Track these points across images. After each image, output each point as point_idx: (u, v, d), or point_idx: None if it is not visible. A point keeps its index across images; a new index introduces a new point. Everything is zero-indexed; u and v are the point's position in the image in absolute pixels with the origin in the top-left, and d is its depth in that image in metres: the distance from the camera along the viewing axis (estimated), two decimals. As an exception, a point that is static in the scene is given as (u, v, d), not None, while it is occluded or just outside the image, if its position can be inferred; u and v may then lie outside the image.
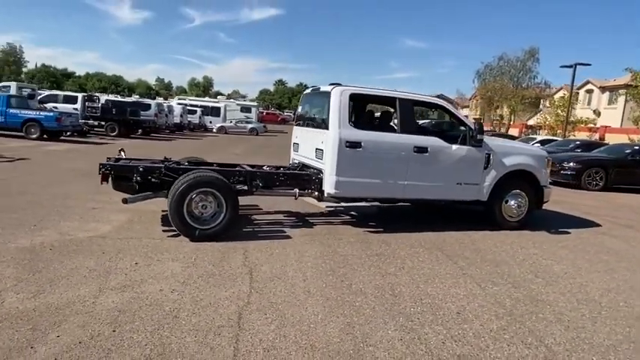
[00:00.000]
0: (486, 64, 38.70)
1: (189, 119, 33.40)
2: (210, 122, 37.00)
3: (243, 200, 7.13)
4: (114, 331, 3.11)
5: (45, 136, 16.91)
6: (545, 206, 9.14)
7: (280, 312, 3.58)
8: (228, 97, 77.81)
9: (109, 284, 3.89)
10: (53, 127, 16.83)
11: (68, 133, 18.72)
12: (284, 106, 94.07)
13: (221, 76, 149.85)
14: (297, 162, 7.22)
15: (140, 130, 24.14)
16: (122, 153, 6.55)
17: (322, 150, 6.16)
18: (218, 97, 56.48)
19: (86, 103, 22.09)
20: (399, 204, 8.01)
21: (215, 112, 38.50)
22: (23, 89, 20.28)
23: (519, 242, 6.29)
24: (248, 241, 5.43)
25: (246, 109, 41.45)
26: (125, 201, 5.38)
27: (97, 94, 25.99)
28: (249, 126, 36.98)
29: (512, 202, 6.91)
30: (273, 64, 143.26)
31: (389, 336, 3.30)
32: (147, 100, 29.13)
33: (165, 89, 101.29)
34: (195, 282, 4.08)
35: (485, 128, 34.14)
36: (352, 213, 7.64)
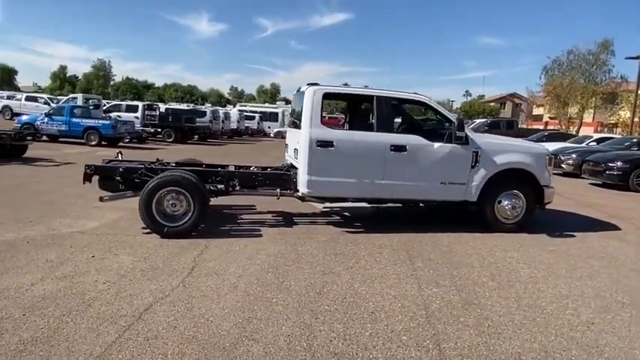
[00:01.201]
0: (554, 58, 36.36)
1: (246, 125, 34.60)
2: (269, 127, 38.09)
3: (239, 200, 7.42)
4: (24, 314, 3.39)
5: (104, 142, 18.35)
6: (570, 209, 8.57)
7: (191, 305, 3.69)
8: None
9: (54, 274, 4.22)
10: (110, 134, 18.22)
11: (127, 140, 20.14)
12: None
13: (292, 82, 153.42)
14: (288, 162, 7.30)
15: (196, 136, 25.45)
16: (119, 155, 7.01)
17: (298, 150, 6.22)
18: (277, 102, 57.83)
19: (146, 112, 23.66)
20: (400, 206, 7.87)
21: (273, 117, 39.54)
22: (90, 100, 22.18)
23: (504, 245, 5.92)
24: (216, 239, 5.60)
25: (304, 114, 42.00)
26: (101, 199, 5.78)
27: (156, 103, 27.76)
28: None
29: (507, 203, 6.50)
30: (343, 68, 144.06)
31: (279, 332, 3.29)
32: (203, 108, 30.60)
33: (238, 97, 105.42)
34: (134, 275, 4.30)
35: (553, 127, 31.96)
36: (345, 214, 7.59)
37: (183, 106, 33.55)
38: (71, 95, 24.24)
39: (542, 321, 3.67)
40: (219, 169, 6.58)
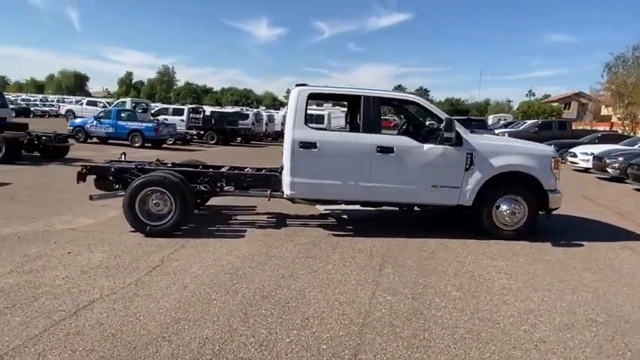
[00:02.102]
0: (617, 55, 33.71)
1: (292, 127, 34.93)
2: (315, 129, 38.26)
3: (242, 202, 7.46)
4: (-30, 306, 3.58)
5: (148, 144, 19.18)
6: (596, 216, 7.96)
7: (130, 304, 3.74)
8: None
9: (23, 268, 4.43)
10: (152, 136, 19.03)
11: (170, 142, 20.96)
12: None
13: (349, 84, 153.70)
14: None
15: (239, 138, 26.01)
16: (123, 156, 7.28)
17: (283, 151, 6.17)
18: (324, 105, 58.01)
19: (190, 115, 24.51)
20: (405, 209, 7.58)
21: (319, 119, 39.66)
22: (138, 104, 23.32)
23: (495, 252, 5.55)
24: (197, 238, 5.66)
25: (351, 116, 42.02)
26: (91, 197, 6.02)
27: (202, 107, 28.68)
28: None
29: (505, 208, 6.10)
30: (401, 69, 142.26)
31: (199, 334, 3.26)
32: (246, 111, 31.27)
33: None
34: (96, 272, 4.43)
35: (616, 129, 29.66)
36: (343, 217, 7.44)
37: (234, 110, 34.51)
38: (120, 100, 25.75)
39: (486, 336, 3.39)
40: (211, 170, 6.66)
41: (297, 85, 6.28)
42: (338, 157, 5.92)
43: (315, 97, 6.60)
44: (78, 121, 20.70)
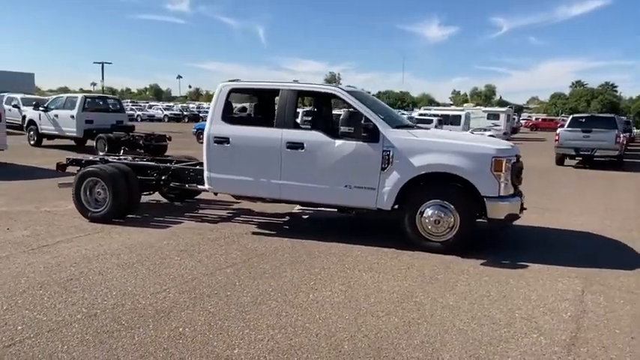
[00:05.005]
0: None
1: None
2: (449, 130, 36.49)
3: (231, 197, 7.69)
4: None
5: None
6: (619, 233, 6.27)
7: (-35, 272, 4.35)
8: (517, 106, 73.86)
9: (-48, 238, 5.43)
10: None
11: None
12: (580, 110, 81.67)
13: (528, 82, 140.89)
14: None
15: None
16: (122, 151, 8.20)
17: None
18: (464, 105, 54.42)
19: (303, 118, 25.64)
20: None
21: (456, 120, 37.56)
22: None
23: (383, 265, 4.81)
24: (126, 226, 6.06)
25: (493, 116, 38.86)
26: (59, 185, 6.96)
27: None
28: (486, 134, 34.60)
29: (429, 215, 5.19)
30: (591, 64, 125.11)
31: (18, 324, 3.66)
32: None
33: (463, 100, 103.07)
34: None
35: None
36: (304, 217, 7.17)
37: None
38: (241, 105, 28.50)
39: (184, 342, 3.07)
40: (161, 165, 6.95)
41: (230, 80, 6.31)
42: (249, 152, 5.79)
43: (238, 92, 6.52)
44: (198, 124, 23.44)
